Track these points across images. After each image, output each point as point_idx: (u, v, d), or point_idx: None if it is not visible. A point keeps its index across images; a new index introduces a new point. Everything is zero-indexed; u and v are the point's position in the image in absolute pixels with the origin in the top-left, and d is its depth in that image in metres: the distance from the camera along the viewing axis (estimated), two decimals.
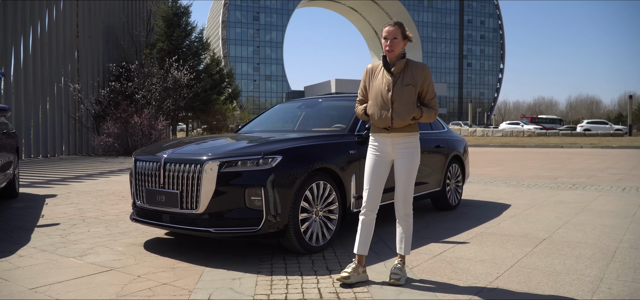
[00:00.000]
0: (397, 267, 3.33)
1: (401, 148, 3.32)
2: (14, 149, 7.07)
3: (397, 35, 3.26)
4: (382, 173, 3.37)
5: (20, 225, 5.25)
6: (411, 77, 3.27)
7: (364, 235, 3.37)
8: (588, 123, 48.87)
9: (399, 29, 3.27)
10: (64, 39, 18.03)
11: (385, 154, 3.36)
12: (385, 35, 3.28)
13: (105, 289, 3.19)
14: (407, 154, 3.32)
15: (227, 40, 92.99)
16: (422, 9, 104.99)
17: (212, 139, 4.57)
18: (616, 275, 3.47)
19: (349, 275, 3.21)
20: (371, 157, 3.39)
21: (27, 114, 16.37)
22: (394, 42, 3.26)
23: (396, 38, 3.26)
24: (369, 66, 3.46)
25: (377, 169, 3.35)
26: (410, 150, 3.33)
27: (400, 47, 3.28)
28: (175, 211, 3.86)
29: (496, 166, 13.63)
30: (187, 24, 25.06)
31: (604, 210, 6.17)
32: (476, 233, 4.86)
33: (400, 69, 3.29)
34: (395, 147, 3.33)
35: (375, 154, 3.38)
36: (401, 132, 3.30)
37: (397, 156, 3.34)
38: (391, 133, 3.31)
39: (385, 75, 3.31)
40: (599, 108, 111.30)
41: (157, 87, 19.72)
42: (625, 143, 27.18)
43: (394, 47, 3.26)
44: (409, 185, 3.34)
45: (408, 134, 3.32)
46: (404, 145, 3.32)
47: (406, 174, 3.32)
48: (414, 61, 3.34)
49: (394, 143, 3.33)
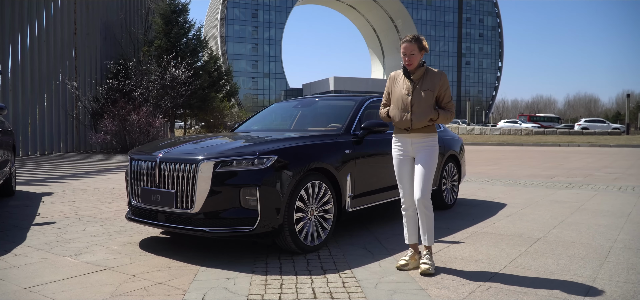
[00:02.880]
0: (426, 257, 3.60)
1: (421, 147, 3.65)
2: (11, 147, 7.07)
3: (414, 51, 3.59)
4: (409, 170, 3.71)
5: (16, 223, 5.26)
6: (430, 83, 3.61)
7: (411, 227, 3.74)
8: (586, 122, 48.99)
9: (415, 44, 3.60)
10: (62, 36, 18.00)
11: (406, 152, 3.71)
12: (404, 52, 3.60)
13: (100, 288, 3.20)
14: (426, 152, 3.65)
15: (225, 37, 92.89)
16: (421, 7, 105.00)
17: (208, 139, 4.58)
18: (609, 275, 3.49)
19: (407, 262, 3.63)
20: (396, 156, 3.75)
21: (24, 112, 16.34)
22: (412, 57, 3.59)
23: (413, 53, 3.59)
24: (392, 74, 3.82)
25: (404, 166, 3.72)
26: (430, 149, 3.66)
27: (418, 58, 3.61)
28: (171, 210, 3.86)
29: (493, 165, 13.65)
30: (185, 22, 25.04)
31: (599, 209, 6.19)
32: (471, 232, 4.88)
33: (420, 76, 3.64)
34: (415, 146, 3.67)
35: (399, 153, 3.74)
36: (420, 132, 3.64)
37: (417, 154, 3.67)
38: (411, 133, 3.65)
39: (406, 81, 3.67)
40: (597, 106, 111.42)
41: (154, 84, 19.70)
42: (623, 142, 27.23)
43: (412, 61, 3.60)
44: (427, 180, 3.61)
45: (427, 135, 3.65)
46: (423, 144, 3.65)
47: (425, 169, 3.61)
48: (432, 69, 3.68)
49: (413, 142, 3.66)
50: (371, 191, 4.79)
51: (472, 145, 26.03)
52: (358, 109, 5.02)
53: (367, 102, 5.23)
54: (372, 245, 4.33)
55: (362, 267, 3.66)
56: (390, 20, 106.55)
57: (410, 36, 3.62)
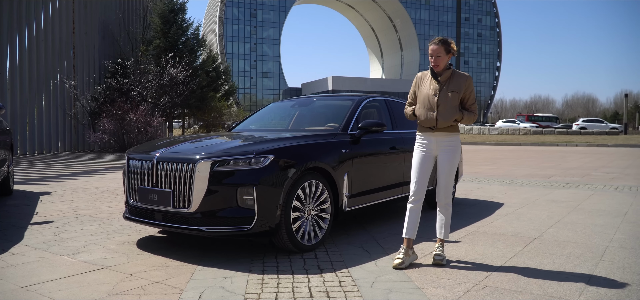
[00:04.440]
0: (439, 250, 3.77)
1: (444, 146, 3.77)
2: (9, 146, 7.07)
3: (441, 53, 3.69)
4: (427, 167, 3.80)
5: (14, 222, 5.26)
6: (456, 85, 3.72)
7: (412, 221, 3.79)
8: (584, 121, 49.06)
9: (442, 46, 3.70)
10: (60, 35, 17.98)
11: (430, 150, 3.80)
12: (431, 53, 3.72)
13: (97, 287, 3.20)
14: (450, 151, 3.77)
15: (224, 37, 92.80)
16: (420, 7, 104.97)
17: (205, 138, 4.59)
18: (604, 274, 3.51)
19: (403, 260, 3.66)
20: (418, 153, 3.83)
21: (22, 111, 16.33)
22: (438, 59, 3.70)
23: (440, 55, 3.69)
24: (419, 74, 3.93)
25: (423, 163, 3.80)
26: (452, 148, 3.78)
27: (445, 61, 3.72)
28: (168, 210, 3.87)
29: (491, 164, 13.68)
30: (183, 21, 25.04)
31: (596, 209, 6.22)
32: (468, 232, 4.89)
33: (446, 77, 3.75)
34: (438, 144, 3.78)
35: (422, 150, 3.82)
36: (444, 131, 3.75)
37: (440, 152, 3.79)
38: (435, 132, 3.76)
39: (433, 82, 3.77)
40: (595, 106, 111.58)
41: (153, 84, 19.69)
42: (621, 141, 27.29)
43: (439, 63, 3.71)
44: (449, 178, 3.78)
45: (450, 134, 3.77)
46: (447, 143, 3.77)
47: (448, 168, 3.77)
48: (459, 71, 3.78)
49: (437, 141, 3.78)
50: (368, 191, 4.80)
51: (470, 145, 26.06)
52: (355, 109, 5.03)
53: (364, 102, 5.24)
54: (368, 244, 4.35)
55: (359, 267, 3.67)
56: (389, 19, 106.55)
57: (438, 39, 3.73)
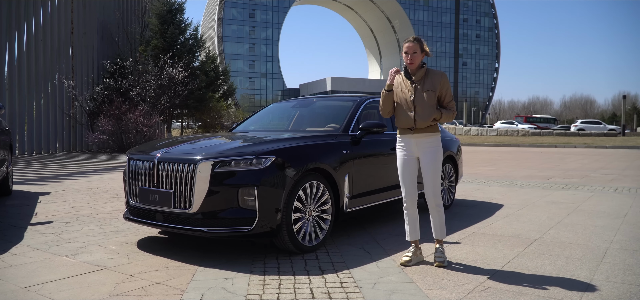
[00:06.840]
0: (439, 251, 3.77)
1: (424, 147, 3.74)
2: (8, 146, 7.05)
3: (417, 50, 3.69)
4: (413, 169, 3.79)
5: (14, 223, 5.24)
6: (431, 84, 3.71)
7: (412, 224, 3.84)
8: (582, 123, 49.09)
9: (418, 44, 3.71)
10: (59, 35, 17.95)
11: (411, 152, 3.79)
12: (406, 51, 3.70)
13: (98, 288, 3.19)
14: (431, 152, 3.74)
15: (222, 37, 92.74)
16: (418, 8, 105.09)
17: (206, 139, 4.58)
18: (606, 276, 3.51)
19: (411, 258, 3.74)
20: (400, 156, 3.82)
21: (21, 111, 16.30)
22: (414, 56, 3.68)
23: (415, 52, 3.68)
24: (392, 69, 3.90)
25: (407, 166, 3.79)
26: (433, 148, 3.74)
27: (419, 59, 3.71)
28: (169, 210, 3.86)
29: (490, 165, 13.69)
30: (181, 21, 24.95)
31: (596, 210, 6.22)
32: (468, 233, 4.89)
33: (420, 77, 3.73)
34: (419, 146, 3.75)
35: (403, 153, 3.81)
36: (424, 132, 3.73)
37: (422, 154, 3.76)
38: (415, 133, 3.74)
39: (407, 82, 3.77)
40: (593, 108, 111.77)
41: (151, 84, 19.66)
42: (619, 143, 27.34)
43: (414, 60, 3.69)
44: (435, 179, 3.75)
45: (430, 134, 3.74)
46: (427, 144, 3.74)
47: (432, 169, 3.73)
48: (433, 70, 3.78)
49: (417, 142, 3.75)
50: (369, 192, 4.80)
51: (469, 146, 26.08)
52: (356, 110, 5.03)
53: (365, 102, 5.24)
54: (369, 245, 4.34)
55: (360, 268, 3.67)
56: (388, 20, 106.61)
57: (413, 37, 3.75)
